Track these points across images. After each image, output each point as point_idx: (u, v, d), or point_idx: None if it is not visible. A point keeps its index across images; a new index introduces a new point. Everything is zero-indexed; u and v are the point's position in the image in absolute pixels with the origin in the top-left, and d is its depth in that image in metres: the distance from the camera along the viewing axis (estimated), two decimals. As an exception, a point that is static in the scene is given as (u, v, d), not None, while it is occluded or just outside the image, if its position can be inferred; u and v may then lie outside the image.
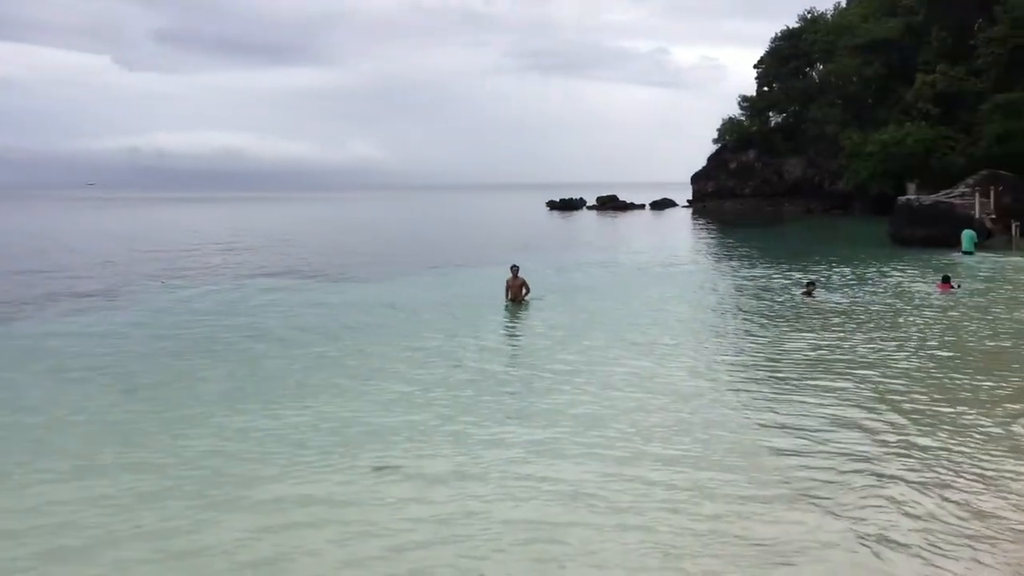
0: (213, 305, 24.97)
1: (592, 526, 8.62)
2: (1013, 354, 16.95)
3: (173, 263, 37.71)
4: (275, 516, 8.93)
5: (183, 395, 14.11)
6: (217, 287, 29.21)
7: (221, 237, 56.58)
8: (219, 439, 11.58)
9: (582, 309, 23.55)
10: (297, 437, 11.64)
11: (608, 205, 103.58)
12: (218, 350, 18.08)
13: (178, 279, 31.34)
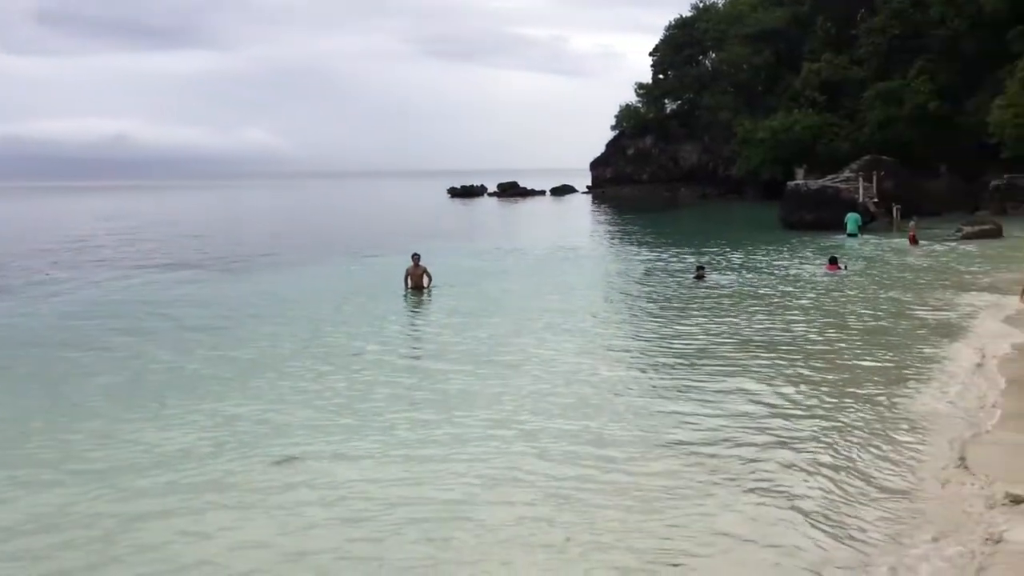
0: (100, 298, 24.13)
1: (493, 503, 8.72)
2: (892, 330, 17.79)
3: (58, 255, 36.20)
4: (170, 511, 8.72)
5: (68, 392, 13.57)
6: (104, 279, 28.20)
7: (109, 227, 54.55)
8: (104, 436, 11.18)
9: (483, 296, 23.65)
10: (191, 432, 11.34)
11: (509, 192, 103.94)
12: (105, 344, 17.44)
13: (63, 271, 30.11)
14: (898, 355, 15.43)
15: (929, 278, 25.76)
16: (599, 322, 19.71)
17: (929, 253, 32.49)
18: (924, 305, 20.84)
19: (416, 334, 19.11)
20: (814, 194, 45.64)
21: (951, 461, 9.63)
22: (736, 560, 7.43)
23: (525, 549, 7.75)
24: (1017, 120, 47.07)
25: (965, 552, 7.35)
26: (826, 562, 7.31)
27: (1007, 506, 8.23)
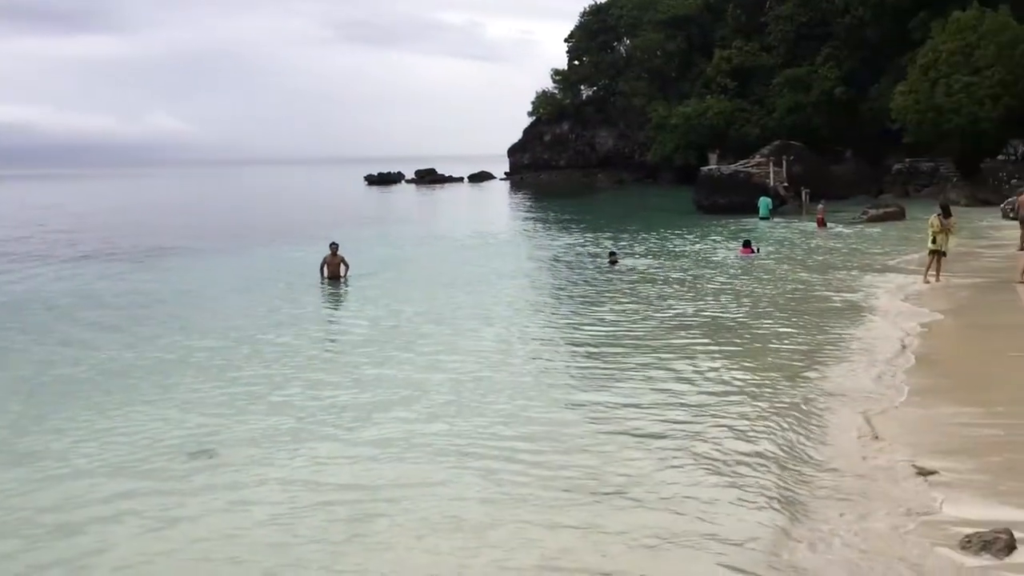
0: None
1: (409, 485, 8.67)
2: (803, 310, 18.22)
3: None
4: (82, 501, 8.46)
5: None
6: (2, 273, 26.97)
7: (11, 218, 52.31)
8: (13, 429, 10.75)
9: (401, 284, 23.44)
10: (103, 424, 11.02)
11: (427, 179, 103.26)
12: (4, 343, 16.67)
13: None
14: (809, 335, 15.82)
15: (837, 260, 26.50)
16: (516, 308, 19.70)
17: (837, 235, 33.44)
18: (833, 286, 21.42)
19: (333, 324, 18.81)
20: (727, 179, 46.53)
21: (863, 436, 9.90)
22: (658, 535, 7.47)
23: (446, 533, 7.67)
24: (918, 106, 48.69)
25: (878, 524, 7.55)
26: (747, 537, 7.41)
27: (915, 478, 8.50)
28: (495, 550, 7.38)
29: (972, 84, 46.70)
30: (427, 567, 7.13)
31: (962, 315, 17.07)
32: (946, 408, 10.83)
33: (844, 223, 37.31)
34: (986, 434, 9.75)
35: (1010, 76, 46.16)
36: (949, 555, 6.90)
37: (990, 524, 7.23)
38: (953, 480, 8.42)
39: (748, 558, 7.07)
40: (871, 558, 6.94)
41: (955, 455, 9.10)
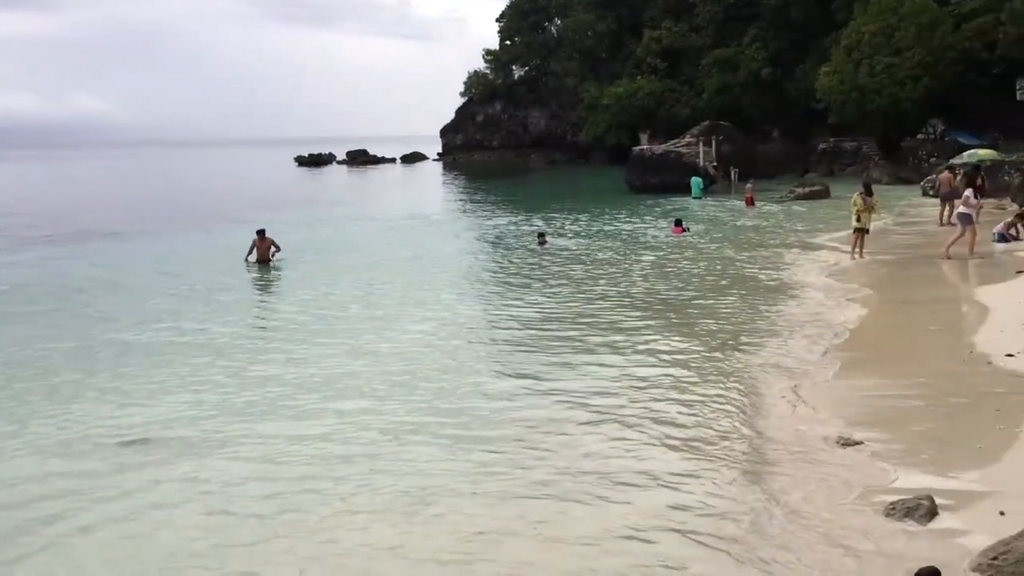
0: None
1: (334, 478, 8.59)
2: (733, 287, 18.54)
3: None
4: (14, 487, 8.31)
5: None
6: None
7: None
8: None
9: (332, 267, 23.14)
10: (23, 411, 10.78)
11: (358, 160, 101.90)
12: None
13: None
14: (740, 311, 16.12)
15: (766, 238, 27.00)
16: (447, 290, 19.62)
17: (765, 214, 34.03)
18: (762, 263, 21.83)
19: (262, 308, 18.55)
20: (658, 159, 46.96)
21: (792, 409, 10.12)
22: (596, 514, 7.55)
23: (378, 518, 7.64)
24: (842, 87, 49.69)
25: (807, 493, 7.73)
26: (682, 506, 7.53)
27: (842, 448, 8.74)
28: (427, 527, 7.39)
29: (893, 65, 47.83)
30: (361, 546, 7.10)
31: (885, 291, 17.56)
32: (870, 380, 11.15)
33: (772, 201, 37.99)
34: (908, 405, 10.07)
35: (929, 57, 47.38)
36: (874, 521, 7.11)
37: (913, 492, 7.47)
38: (877, 450, 8.68)
39: (685, 529, 7.19)
40: (801, 525, 7.12)
41: (879, 426, 9.37)
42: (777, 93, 62.28)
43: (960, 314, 14.57)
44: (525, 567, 6.73)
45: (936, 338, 13.25)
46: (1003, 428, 8.95)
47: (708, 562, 6.66)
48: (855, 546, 6.73)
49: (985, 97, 48.51)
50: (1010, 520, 6.74)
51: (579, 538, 7.13)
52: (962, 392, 10.26)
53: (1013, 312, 13.85)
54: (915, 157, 46.49)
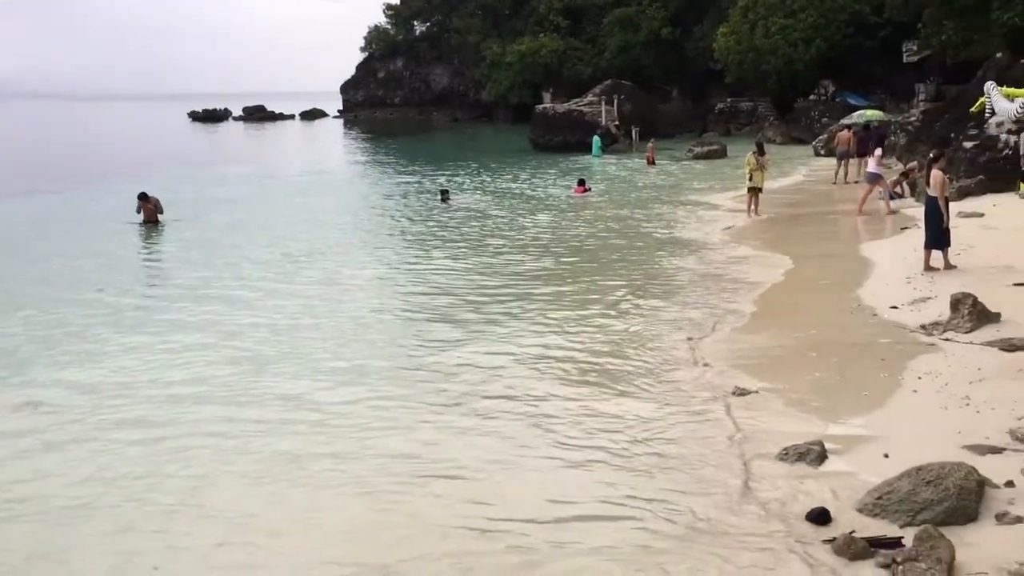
0: None
1: (223, 435, 8.57)
2: (631, 244, 18.87)
3: None
4: None
5: None
6: None
7: None
8: None
9: (226, 227, 22.56)
10: None
11: (255, 116, 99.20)
12: None
13: None
14: (640, 268, 16.43)
15: (666, 196, 27.47)
16: (345, 249, 19.36)
17: (665, 172, 34.61)
18: (662, 222, 22.23)
19: (152, 271, 17.99)
20: (561, 117, 47.12)
21: (689, 361, 10.41)
22: (504, 468, 7.64)
23: (271, 483, 7.57)
24: (738, 47, 50.63)
25: (704, 440, 7.99)
26: (589, 461, 7.68)
27: (736, 397, 9.05)
28: (305, 497, 7.34)
29: (787, 27, 48.97)
30: (241, 514, 7.01)
31: (778, 247, 18.10)
32: (765, 333, 11.53)
33: (672, 160, 38.63)
34: (800, 356, 10.46)
35: (821, 20, 48.67)
36: (767, 466, 7.40)
37: (804, 437, 7.79)
38: (770, 399, 9.02)
39: (590, 480, 7.34)
40: (695, 472, 7.35)
41: (772, 376, 9.72)
42: (677, 52, 63.07)
43: (849, 269, 15.16)
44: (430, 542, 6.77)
45: (827, 292, 13.78)
46: (887, 376, 9.40)
47: (609, 507, 6.82)
48: (749, 485, 7.00)
49: (873, 59, 50.22)
50: (893, 462, 7.10)
51: (470, 502, 7.21)
52: (850, 343, 10.72)
53: (897, 267, 14.50)
54: (807, 117, 47.84)
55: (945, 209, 13.75)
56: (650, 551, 6.16)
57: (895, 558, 5.73)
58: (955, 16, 39.28)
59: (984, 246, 15.11)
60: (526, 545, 6.31)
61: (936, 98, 41.73)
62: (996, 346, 9.91)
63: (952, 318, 10.83)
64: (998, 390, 8.59)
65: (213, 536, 6.64)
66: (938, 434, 7.71)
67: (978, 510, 6.29)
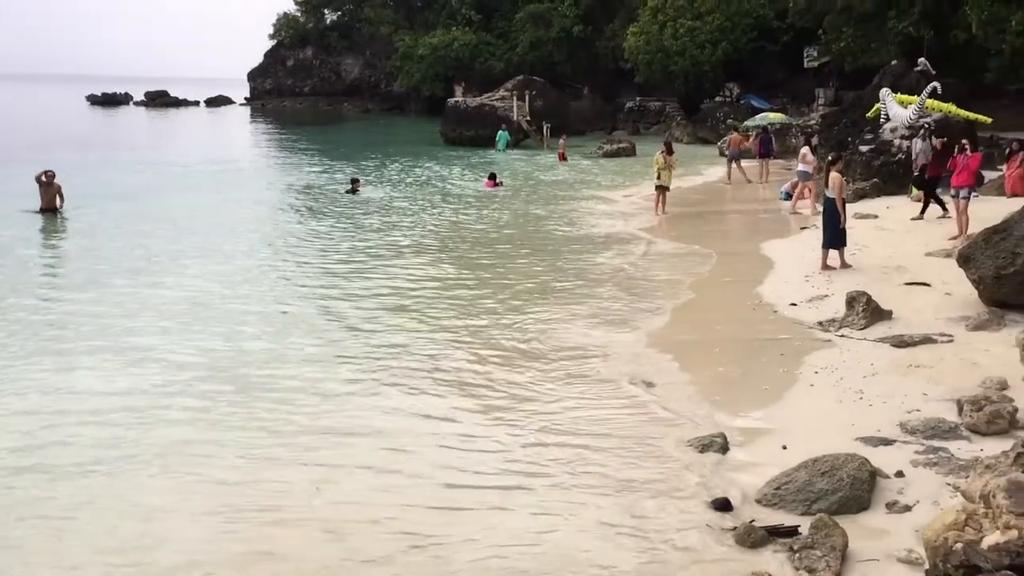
0: None
1: (105, 424, 8.42)
2: (538, 240, 19.02)
3: None
4: None
5: None
6: None
7: None
8: None
9: (126, 215, 21.79)
10: None
11: (158, 101, 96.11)
12: None
13: None
14: (549, 263, 16.59)
15: (577, 193, 27.72)
16: (247, 239, 18.95)
17: (576, 169, 34.91)
18: (571, 218, 22.45)
19: (43, 260, 17.20)
20: (472, 111, 47.09)
21: (598, 357, 10.55)
22: (412, 466, 7.62)
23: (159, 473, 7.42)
24: (648, 47, 51.51)
25: (609, 433, 8.13)
26: (484, 450, 7.73)
27: (645, 389, 9.23)
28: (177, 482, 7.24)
29: (695, 28, 50.07)
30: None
31: (683, 245, 18.49)
32: (669, 327, 11.79)
33: (583, 157, 39.02)
34: (704, 351, 10.73)
35: (727, 23, 49.92)
36: (672, 456, 7.57)
37: (707, 429, 8.00)
38: (675, 393, 9.22)
39: (488, 479, 7.38)
40: (599, 466, 7.47)
41: (678, 370, 9.95)
42: (588, 50, 63.71)
43: (751, 266, 15.59)
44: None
45: (729, 288, 14.16)
46: (786, 371, 9.72)
47: (528, 495, 6.88)
48: (654, 476, 7.16)
49: (776, 64, 51.77)
50: (791, 453, 7.36)
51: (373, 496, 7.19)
52: (751, 338, 11.04)
53: (796, 265, 15.00)
54: (713, 118, 48.96)
55: (842, 210, 14.28)
56: (554, 543, 6.23)
57: (792, 546, 5.94)
58: (853, 24, 40.81)
59: (878, 246, 15.76)
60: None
61: (835, 103, 43.26)
62: (888, 342, 10.36)
63: (847, 315, 11.27)
64: (889, 384, 8.98)
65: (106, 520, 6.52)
66: (833, 427, 8.01)
67: (870, 499, 6.57)
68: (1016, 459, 5.57)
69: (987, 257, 11.03)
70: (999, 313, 10.80)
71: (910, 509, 6.43)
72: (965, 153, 16.87)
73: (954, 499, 6.08)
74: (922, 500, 6.52)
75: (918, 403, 8.42)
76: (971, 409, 7.87)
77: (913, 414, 8.15)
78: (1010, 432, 7.57)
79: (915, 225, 17.82)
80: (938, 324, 10.87)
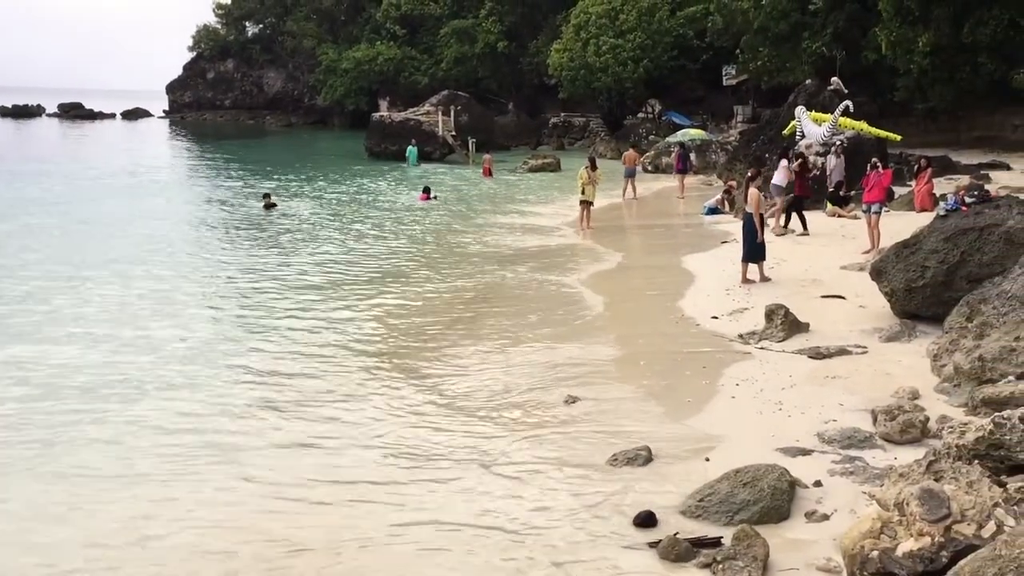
0: None
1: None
2: (461, 256, 18.98)
3: None
4: None
5: None
6: None
7: None
8: None
9: (33, 231, 21.02)
10: None
11: (72, 113, 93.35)
12: None
13: None
14: (472, 278, 16.55)
15: (502, 207, 27.77)
16: (154, 255, 18.36)
17: (502, 184, 35.01)
18: (498, 231, 22.46)
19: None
20: (397, 126, 46.91)
21: (522, 372, 10.55)
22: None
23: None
24: (571, 64, 52.09)
25: (531, 447, 8.12)
26: (406, 480, 7.64)
27: (567, 405, 9.24)
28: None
29: (617, 46, 50.81)
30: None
31: (608, 259, 18.63)
32: (592, 341, 11.82)
33: (508, 172, 39.15)
34: (628, 364, 10.80)
35: (648, 41, 50.80)
36: (596, 471, 7.58)
37: (631, 442, 8.04)
38: (601, 407, 9.24)
39: (411, 504, 7.29)
40: (526, 481, 7.44)
41: (603, 384, 9.99)
42: (512, 66, 64.17)
43: (673, 280, 15.76)
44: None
45: (653, 301, 14.30)
46: (708, 383, 9.84)
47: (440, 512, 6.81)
48: (579, 491, 7.15)
49: (696, 81, 52.89)
50: (714, 465, 7.44)
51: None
52: (674, 351, 11.15)
53: (717, 278, 15.25)
54: (636, 134, 49.69)
55: (760, 225, 14.58)
56: (477, 557, 6.18)
57: (715, 557, 5.99)
58: (770, 44, 41.99)
59: (795, 260, 16.13)
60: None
61: (753, 120, 44.37)
62: (806, 354, 10.58)
63: (767, 328, 11.49)
64: (807, 395, 9.16)
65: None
66: (754, 438, 8.13)
67: (790, 509, 6.67)
68: (928, 467, 5.71)
69: (898, 271, 11.37)
70: (911, 325, 11.14)
71: (828, 518, 6.55)
72: (877, 170, 17.43)
73: (870, 507, 6.21)
74: (839, 509, 6.65)
75: (835, 413, 8.61)
76: (885, 419, 8.08)
77: (830, 424, 8.32)
78: (922, 441, 7.78)
79: (831, 239, 18.31)
80: (853, 336, 11.15)
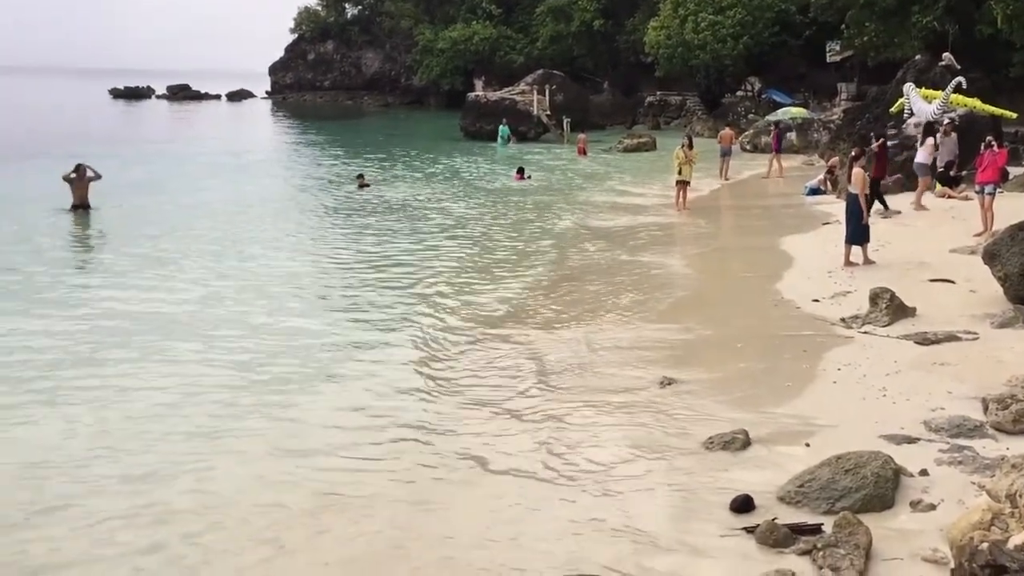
0: None
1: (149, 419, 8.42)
2: (560, 236, 18.99)
3: None
4: None
5: None
6: None
7: None
8: None
9: (151, 211, 21.87)
10: None
11: (180, 95, 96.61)
12: None
13: None
14: (566, 261, 16.58)
15: (598, 186, 27.65)
16: (264, 235, 18.87)
17: (597, 163, 34.85)
18: (594, 211, 22.44)
19: (78, 255, 17.36)
20: (493, 105, 47.09)
21: (617, 352, 10.55)
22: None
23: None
24: (669, 42, 51.24)
25: (631, 430, 8.13)
26: (513, 452, 7.76)
27: (662, 387, 9.21)
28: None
29: (717, 23, 49.75)
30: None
31: (705, 240, 18.44)
32: (692, 324, 11.73)
33: (603, 151, 38.92)
34: (726, 347, 10.69)
35: (749, 18, 49.56)
36: (694, 454, 7.56)
37: (729, 425, 7.98)
38: (697, 389, 9.19)
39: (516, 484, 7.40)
40: (628, 459, 7.47)
41: (700, 366, 9.92)
42: (608, 44, 63.51)
43: (772, 262, 15.49)
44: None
45: (750, 283, 14.09)
46: (808, 367, 9.67)
47: (548, 488, 6.90)
48: (676, 477, 7.14)
49: (798, 58, 51.39)
50: (814, 451, 7.32)
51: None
52: (774, 334, 10.98)
53: (818, 260, 14.91)
54: (734, 113, 48.67)
55: (865, 206, 14.17)
56: (580, 539, 6.25)
57: (815, 544, 5.91)
58: (877, 18, 40.44)
59: (901, 243, 15.63)
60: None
61: (857, 97, 42.90)
62: (911, 339, 10.28)
63: (870, 312, 11.20)
64: (913, 382, 8.91)
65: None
66: (856, 424, 7.96)
67: (894, 498, 6.53)
68: (1043, 459, 5.53)
69: (1013, 254, 10.93)
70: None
71: (935, 508, 6.39)
72: (991, 149, 16.71)
73: (979, 498, 6.03)
74: (947, 499, 6.47)
75: (942, 401, 8.36)
76: (997, 407, 7.81)
77: (937, 412, 8.09)
78: (1036, 431, 7.51)
79: (939, 221, 17.67)
80: (962, 321, 10.78)
